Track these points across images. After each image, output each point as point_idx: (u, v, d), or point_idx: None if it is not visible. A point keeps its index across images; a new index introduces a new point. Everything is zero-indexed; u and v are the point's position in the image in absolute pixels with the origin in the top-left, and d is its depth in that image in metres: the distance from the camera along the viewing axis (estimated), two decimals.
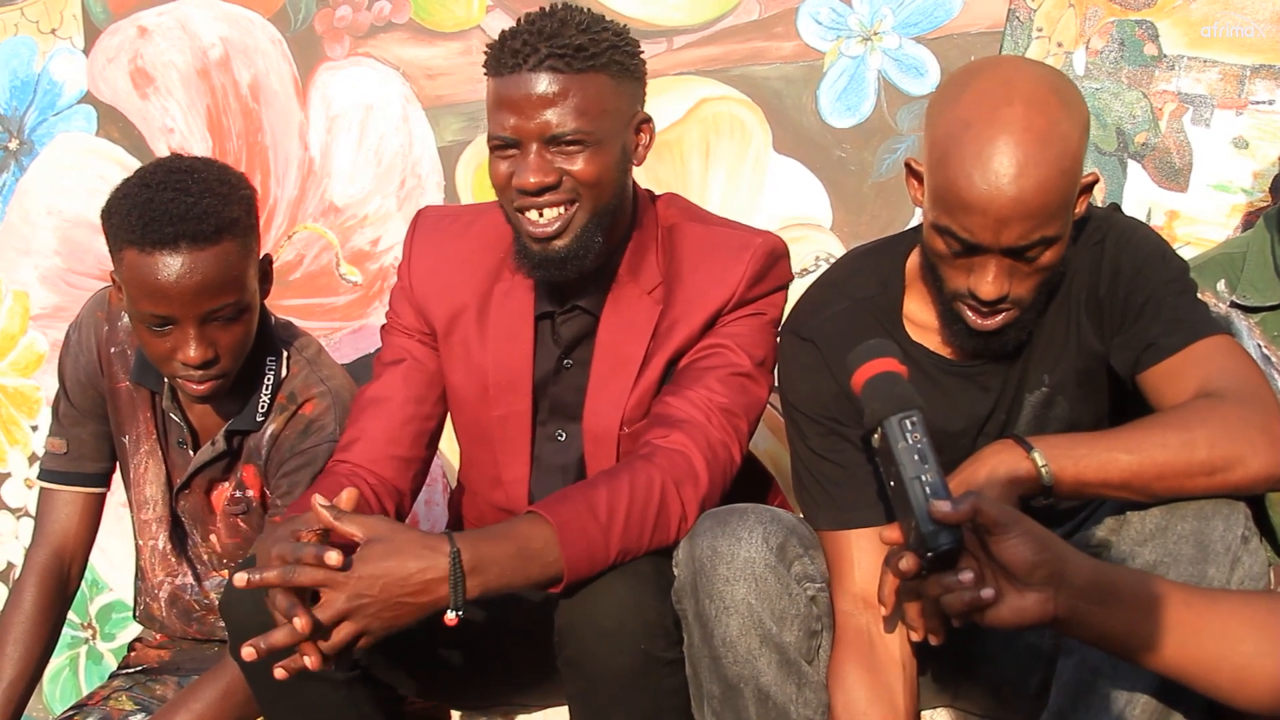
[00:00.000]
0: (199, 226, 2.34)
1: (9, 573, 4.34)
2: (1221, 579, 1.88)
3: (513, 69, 2.19)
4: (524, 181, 2.20)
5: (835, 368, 2.22)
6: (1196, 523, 1.91)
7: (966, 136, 2.01)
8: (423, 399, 2.48)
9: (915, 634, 1.96)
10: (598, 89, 2.21)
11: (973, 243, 2.03)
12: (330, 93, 3.85)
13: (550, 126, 2.19)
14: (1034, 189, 1.97)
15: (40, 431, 4.26)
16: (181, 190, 2.36)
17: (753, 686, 1.99)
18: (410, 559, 1.94)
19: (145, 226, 2.33)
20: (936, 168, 2.06)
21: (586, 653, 2.04)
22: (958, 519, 1.62)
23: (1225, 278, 2.52)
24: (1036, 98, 2.01)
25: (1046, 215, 2.00)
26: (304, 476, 2.53)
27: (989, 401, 2.26)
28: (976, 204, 1.99)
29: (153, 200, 2.35)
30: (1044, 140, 1.98)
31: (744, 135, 3.41)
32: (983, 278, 2.06)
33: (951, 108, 2.06)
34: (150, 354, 2.45)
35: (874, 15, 3.25)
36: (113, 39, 4.09)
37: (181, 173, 2.42)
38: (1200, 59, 2.99)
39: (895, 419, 1.69)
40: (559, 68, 2.18)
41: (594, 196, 2.24)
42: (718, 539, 2.01)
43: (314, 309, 3.88)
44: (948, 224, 2.05)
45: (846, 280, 2.36)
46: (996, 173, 1.97)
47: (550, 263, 2.26)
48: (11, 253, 4.26)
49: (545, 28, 2.21)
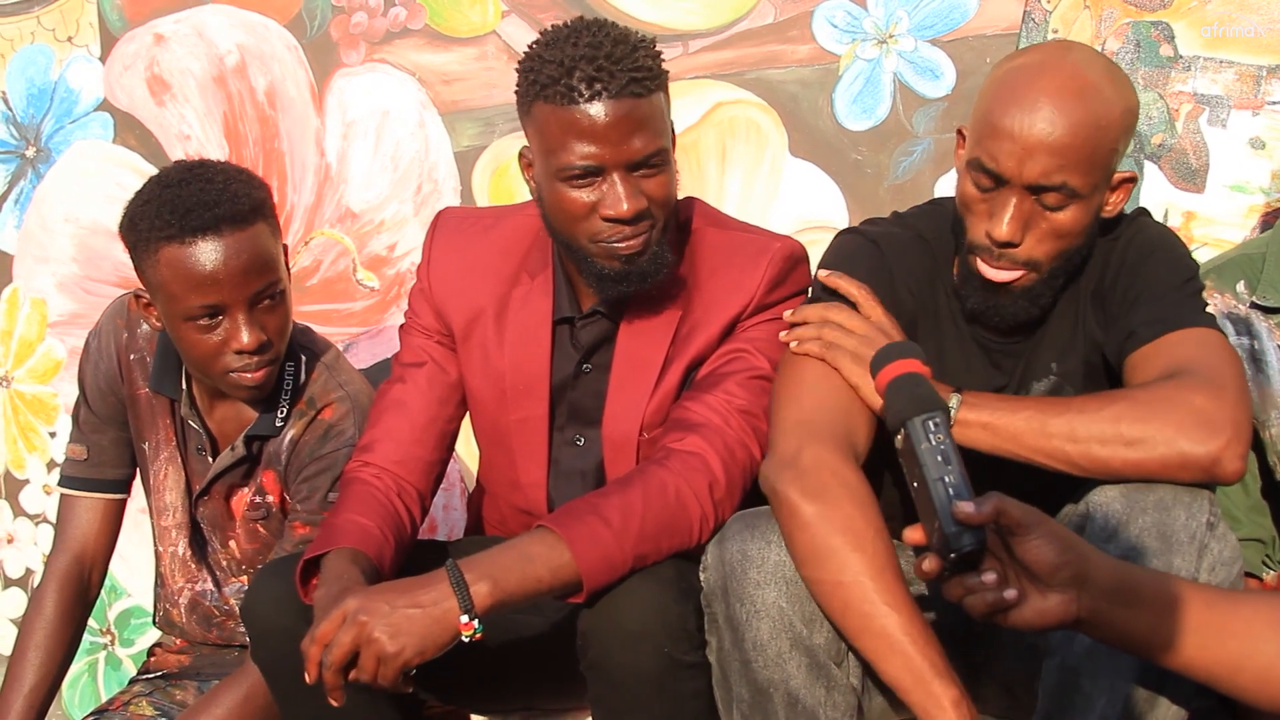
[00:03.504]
0: (235, 208, 2.36)
1: (28, 579, 4.35)
2: (1189, 569, 1.88)
3: (590, 98, 2.14)
4: (620, 211, 2.18)
5: (897, 271, 2.29)
6: (1157, 514, 1.91)
7: (1016, 79, 2.12)
8: (444, 400, 2.49)
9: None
10: (660, 106, 2.23)
11: (998, 173, 2.10)
12: (346, 99, 3.86)
13: (637, 152, 2.18)
14: (1065, 128, 2.05)
15: (58, 438, 4.26)
16: (206, 180, 2.39)
17: (783, 690, 1.99)
18: (411, 582, 2.03)
19: (183, 218, 2.34)
20: (980, 105, 2.17)
21: (609, 656, 2.04)
22: (981, 520, 1.61)
23: (1245, 279, 2.52)
24: (1089, 63, 2.13)
25: (1073, 159, 2.06)
26: (323, 482, 2.54)
27: (999, 379, 2.29)
28: (1008, 131, 2.07)
29: (180, 194, 2.36)
30: (1084, 93, 2.08)
31: (760, 139, 3.41)
32: (999, 218, 2.12)
33: (1010, 61, 2.21)
34: (198, 355, 2.45)
35: (889, 18, 3.26)
36: (129, 46, 4.10)
37: (199, 167, 2.45)
38: (1216, 60, 2.99)
39: (919, 420, 1.68)
40: (638, 92, 2.16)
41: (666, 214, 2.26)
42: (747, 542, 2.01)
43: (331, 314, 3.89)
44: (979, 154, 2.13)
45: (905, 216, 2.42)
46: (1033, 105, 2.07)
47: (633, 277, 2.26)
48: (29, 260, 4.27)
49: (613, 52, 2.16)
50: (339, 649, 1.94)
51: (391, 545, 2.30)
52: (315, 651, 1.97)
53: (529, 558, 2.02)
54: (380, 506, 2.34)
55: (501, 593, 1.99)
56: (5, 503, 4.38)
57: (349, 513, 2.31)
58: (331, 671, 1.96)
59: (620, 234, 2.21)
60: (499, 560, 2.02)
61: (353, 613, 1.95)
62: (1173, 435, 1.91)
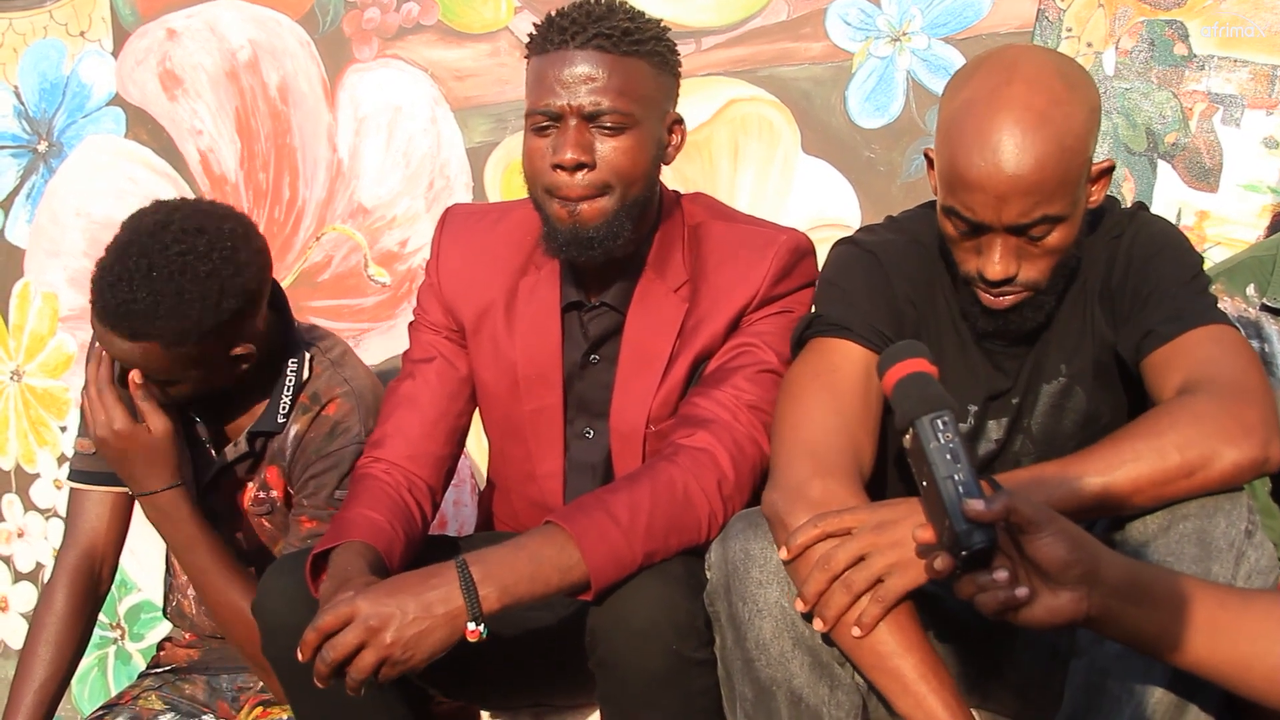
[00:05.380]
0: (168, 325, 2.37)
1: (38, 573, 4.36)
2: (1226, 575, 1.86)
3: (559, 45, 2.23)
4: (561, 157, 2.22)
5: (896, 281, 2.26)
6: (1199, 520, 1.90)
7: (968, 116, 2.04)
8: (455, 395, 2.50)
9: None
10: (639, 74, 2.26)
11: (976, 221, 2.06)
12: (359, 94, 3.86)
13: (592, 104, 2.22)
14: (1032, 165, 1.99)
15: (69, 433, 4.27)
16: (149, 281, 2.35)
17: (785, 689, 1.98)
18: (418, 579, 2.01)
19: (112, 321, 2.37)
20: (942, 149, 2.10)
21: (618, 653, 2.04)
22: (991, 518, 1.61)
23: (1255, 281, 2.51)
24: (1037, 78, 2.04)
25: (1046, 193, 2.01)
26: (330, 479, 2.55)
27: (1003, 383, 2.27)
28: (976, 181, 2.02)
29: (117, 291, 2.35)
30: (1042, 118, 2.00)
31: (773, 136, 3.41)
32: (989, 259, 2.09)
33: (958, 91, 2.11)
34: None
35: (903, 16, 3.25)
36: (141, 41, 4.11)
37: (163, 245, 2.38)
38: (1230, 59, 2.98)
39: (927, 419, 1.68)
40: (605, 47, 2.22)
41: (625, 183, 2.26)
42: (750, 541, 2.00)
43: (342, 310, 3.89)
44: (953, 204, 2.08)
45: (900, 220, 2.40)
46: (994, 149, 2.00)
47: (579, 242, 2.28)
48: (40, 254, 4.28)
49: (593, 11, 2.26)
50: (343, 648, 1.95)
51: (401, 540, 2.30)
52: (313, 639, 1.97)
53: (538, 560, 2.02)
54: (391, 501, 2.34)
55: (510, 597, 2.00)
56: (16, 497, 4.39)
57: (360, 507, 2.31)
58: (327, 665, 1.96)
59: (568, 186, 2.24)
60: (508, 562, 2.01)
61: (364, 617, 1.95)
62: (1222, 448, 1.90)
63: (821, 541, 1.91)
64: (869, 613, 1.87)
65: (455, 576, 1.99)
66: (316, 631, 1.97)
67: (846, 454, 2.06)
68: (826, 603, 1.89)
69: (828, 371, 2.16)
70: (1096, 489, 1.91)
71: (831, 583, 1.89)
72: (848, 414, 2.11)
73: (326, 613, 1.97)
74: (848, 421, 2.11)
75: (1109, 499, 1.91)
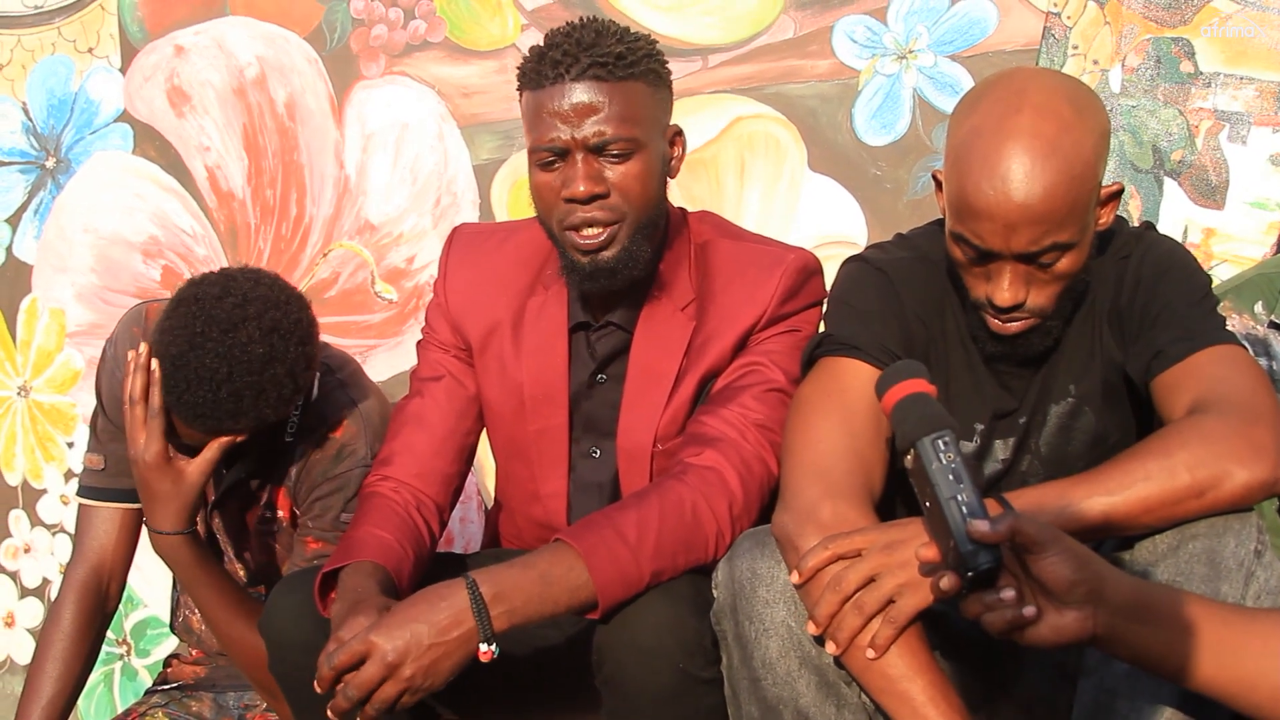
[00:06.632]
0: (228, 408, 2.38)
1: (45, 589, 4.36)
2: (1235, 595, 1.86)
3: (555, 80, 2.21)
4: (574, 191, 2.22)
5: (907, 300, 2.26)
6: (1208, 540, 1.89)
7: (977, 144, 2.04)
8: (462, 414, 2.50)
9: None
10: (638, 96, 2.25)
11: (985, 249, 2.06)
12: (366, 111, 3.87)
13: (596, 134, 2.21)
14: (1041, 194, 1.99)
15: (76, 448, 4.28)
16: (209, 372, 2.36)
17: (792, 708, 1.98)
18: (428, 604, 2.00)
19: (177, 400, 2.38)
20: (951, 176, 2.10)
21: (625, 672, 2.04)
22: (997, 538, 1.61)
23: (1263, 299, 2.51)
24: (1046, 105, 2.03)
25: (1056, 221, 2.02)
26: (336, 502, 2.55)
27: (1009, 403, 2.27)
28: (985, 210, 2.02)
29: (181, 368, 2.36)
30: (1051, 146, 2.00)
31: (779, 153, 3.41)
32: (999, 285, 2.09)
33: (967, 117, 2.10)
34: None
35: (909, 33, 3.25)
36: (149, 58, 4.12)
37: (222, 337, 2.37)
38: (1237, 76, 2.98)
39: (928, 440, 1.68)
40: (602, 75, 2.21)
41: (638, 208, 2.27)
42: (757, 560, 2.00)
43: (349, 326, 3.89)
44: (961, 231, 2.08)
45: (910, 238, 2.39)
46: (1004, 178, 2.00)
47: (601, 273, 2.28)
48: (48, 270, 4.29)
49: (583, 39, 2.24)
50: (365, 686, 1.95)
51: (410, 558, 2.30)
52: (329, 675, 1.97)
53: (548, 580, 2.02)
54: (399, 520, 2.34)
55: (519, 617, 2.00)
56: (23, 512, 4.39)
57: (368, 526, 2.31)
58: (350, 702, 1.97)
59: (583, 219, 2.24)
60: (518, 582, 2.01)
61: (381, 654, 1.95)
62: (1232, 468, 1.89)
63: (832, 564, 1.91)
64: (882, 634, 1.87)
65: (466, 598, 1.99)
66: (333, 670, 1.97)
67: (857, 475, 2.06)
68: (839, 625, 1.89)
69: (838, 392, 2.16)
70: (1106, 508, 1.91)
71: (843, 605, 1.89)
72: (858, 434, 2.11)
73: (342, 651, 1.97)
74: (858, 442, 2.10)
75: (1119, 518, 1.91)
